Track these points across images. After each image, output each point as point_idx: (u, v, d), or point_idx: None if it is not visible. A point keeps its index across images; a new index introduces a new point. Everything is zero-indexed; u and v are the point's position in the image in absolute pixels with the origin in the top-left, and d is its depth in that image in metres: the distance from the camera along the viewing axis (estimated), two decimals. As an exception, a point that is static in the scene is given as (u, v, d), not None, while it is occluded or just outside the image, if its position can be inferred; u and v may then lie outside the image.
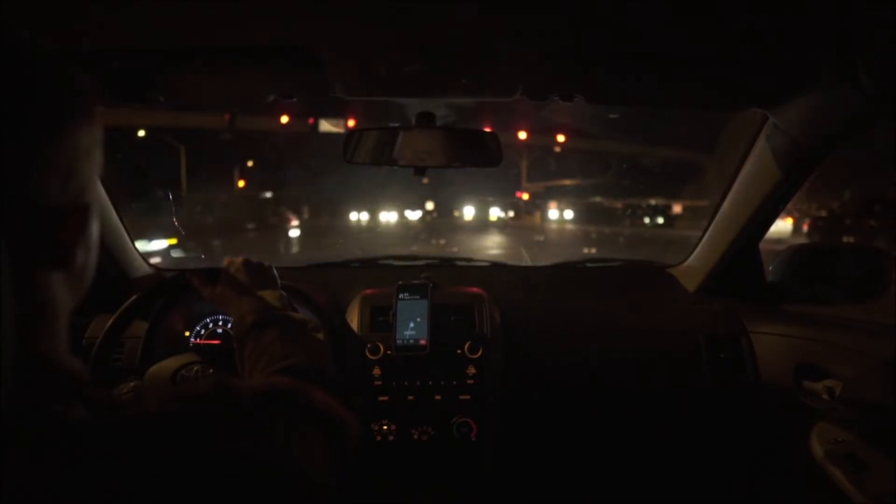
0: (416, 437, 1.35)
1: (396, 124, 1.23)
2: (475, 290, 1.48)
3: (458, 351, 1.35)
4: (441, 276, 1.49)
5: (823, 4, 0.77)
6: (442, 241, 12.06)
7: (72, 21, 0.82)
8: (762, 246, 1.55)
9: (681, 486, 1.56)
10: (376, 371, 1.34)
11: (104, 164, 0.47)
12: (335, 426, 0.55)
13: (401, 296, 1.37)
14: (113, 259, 1.47)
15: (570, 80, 1.06)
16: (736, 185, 1.42)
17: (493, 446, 1.36)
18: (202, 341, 1.41)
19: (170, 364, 1.18)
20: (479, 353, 1.34)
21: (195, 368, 1.18)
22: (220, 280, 0.95)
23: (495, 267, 1.83)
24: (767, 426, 1.46)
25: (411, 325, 1.34)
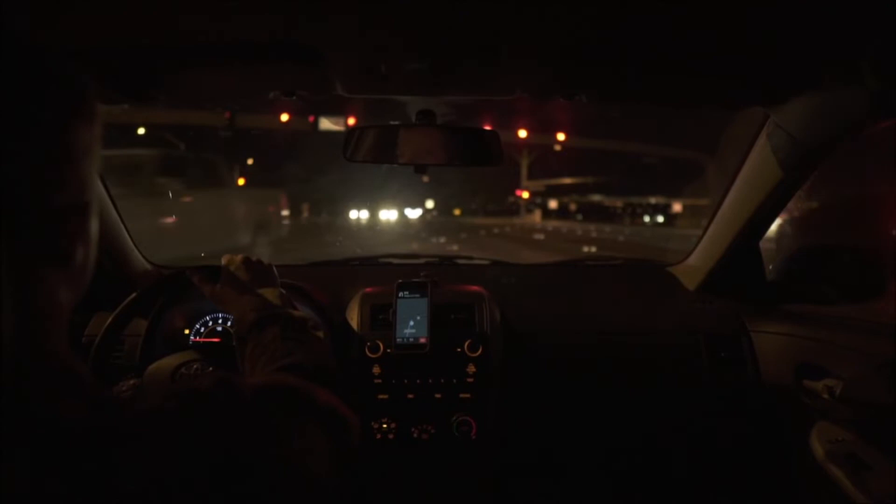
0: (415, 435, 1.34)
1: (397, 122, 1.22)
2: (475, 288, 1.47)
3: (458, 349, 1.34)
4: (441, 275, 1.49)
5: (825, 4, 0.77)
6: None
7: (71, 18, 0.82)
8: (762, 245, 1.55)
9: (681, 485, 1.57)
10: (376, 369, 1.34)
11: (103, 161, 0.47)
12: (336, 424, 0.55)
13: (401, 294, 1.36)
14: (112, 257, 1.47)
15: (571, 78, 1.05)
16: (737, 184, 1.42)
17: (492, 445, 1.36)
18: (202, 339, 1.41)
19: (169, 362, 1.18)
20: (480, 351, 1.34)
21: (195, 366, 1.18)
22: (220, 278, 0.95)
23: (495, 265, 1.83)
24: (768, 425, 1.46)
25: (411, 323, 1.33)
